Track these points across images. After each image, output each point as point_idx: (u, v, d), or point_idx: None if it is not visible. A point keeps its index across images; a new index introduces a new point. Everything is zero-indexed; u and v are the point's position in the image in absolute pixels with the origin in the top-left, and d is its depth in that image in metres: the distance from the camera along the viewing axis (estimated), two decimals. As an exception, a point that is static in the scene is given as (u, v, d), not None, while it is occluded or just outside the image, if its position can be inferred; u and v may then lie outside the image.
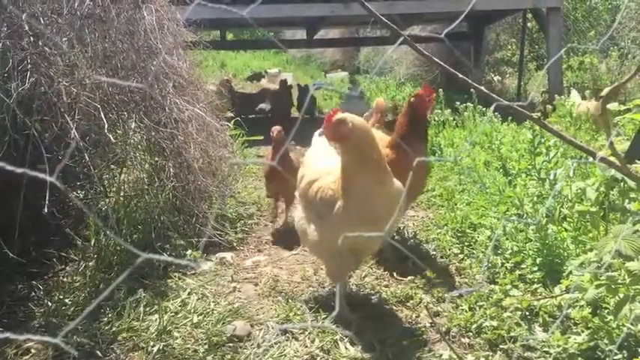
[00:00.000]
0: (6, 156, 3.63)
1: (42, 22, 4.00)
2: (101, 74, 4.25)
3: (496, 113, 8.72)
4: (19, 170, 0.76)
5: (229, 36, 19.18)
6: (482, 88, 2.56)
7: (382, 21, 2.40)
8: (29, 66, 3.81)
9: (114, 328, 3.43)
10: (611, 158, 2.39)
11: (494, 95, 2.25)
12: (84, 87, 4.06)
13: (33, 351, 3.21)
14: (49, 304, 3.66)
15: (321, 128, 3.55)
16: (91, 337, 3.32)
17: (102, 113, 4.05)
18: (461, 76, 2.42)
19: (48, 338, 0.93)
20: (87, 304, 3.67)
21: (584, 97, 9.03)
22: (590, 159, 4.04)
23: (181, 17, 5.87)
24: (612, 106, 5.61)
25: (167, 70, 5.17)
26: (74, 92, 4.06)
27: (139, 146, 5.16)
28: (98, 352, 3.21)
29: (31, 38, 3.96)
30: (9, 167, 0.68)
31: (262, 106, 14.56)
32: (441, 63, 2.40)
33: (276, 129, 5.39)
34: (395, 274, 4.38)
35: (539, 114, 7.72)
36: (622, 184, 3.86)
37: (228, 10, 2.37)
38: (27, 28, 3.93)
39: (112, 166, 5.29)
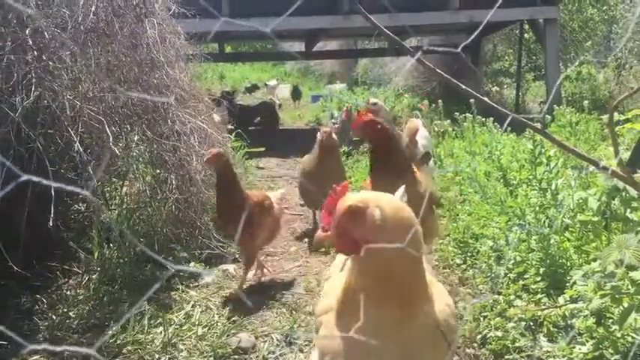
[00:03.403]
0: (10, 169, 3.63)
1: (46, 36, 4.03)
2: (105, 88, 4.27)
3: (495, 124, 8.76)
4: (55, 185, 0.77)
5: (228, 48, 19.27)
6: (495, 104, 2.59)
7: (386, 34, 2.42)
8: (33, 80, 3.83)
9: (118, 341, 3.43)
10: (614, 168, 2.41)
11: (503, 109, 2.27)
12: (87, 100, 4.08)
13: (38, 364, 3.20)
14: (54, 317, 3.66)
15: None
16: (97, 350, 3.31)
17: (105, 126, 4.07)
18: (464, 87, 2.45)
19: (84, 349, 0.94)
20: (91, 318, 3.68)
21: (582, 109, 9.07)
22: (591, 168, 4.08)
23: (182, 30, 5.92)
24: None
25: (169, 82, 5.20)
26: (78, 105, 4.08)
27: (141, 159, 5.18)
28: (104, 366, 3.21)
29: (35, 52, 3.99)
30: (45, 181, 0.69)
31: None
32: (450, 77, 2.43)
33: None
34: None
35: (538, 124, 7.75)
36: (624, 193, 3.88)
37: (230, 22, 2.41)
38: (31, 42, 3.96)
39: (114, 179, 5.31)
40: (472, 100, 9.42)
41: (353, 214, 1.71)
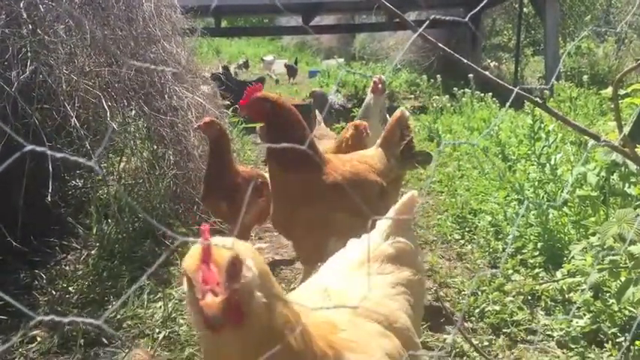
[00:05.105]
0: (7, 145, 3.61)
1: (41, 9, 3.97)
2: (101, 62, 4.23)
3: (494, 99, 8.73)
4: (59, 155, 0.76)
5: (224, 23, 19.06)
6: (496, 79, 2.56)
7: (387, 7, 2.39)
8: (29, 54, 3.78)
9: (118, 316, 3.45)
10: (615, 142, 2.40)
11: (505, 84, 2.25)
12: (84, 75, 4.04)
13: (39, 339, 3.22)
14: (53, 292, 3.67)
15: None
16: (96, 325, 3.32)
17: (102, 101, 4.03)
18: (466, 61, 2.42)
19: (90, 320, 0.93)
20: (91, 292, 3.68)
21: (581, 84, 9.02)
22: (590, 144, 4.07)
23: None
24: (609, 91, 5.62)
25: (166, 57, 5.14)
26: (74, 80, 4.04)
27: (138, 134, 5.14)
28: (104, 340, 3.23)
29: (30, 26, 3.93)
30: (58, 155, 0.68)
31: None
32: (451, 52, 2.40)
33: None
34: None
35: (537, 99, 7.71)
36: (623, 168, 3.88)
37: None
38: (25, 16, 3.90)
39: (111, 155, 5.29)
40: (471, 76, 9.39)
41: (235, 268, 1.26)
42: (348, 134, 4.56)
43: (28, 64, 3.77)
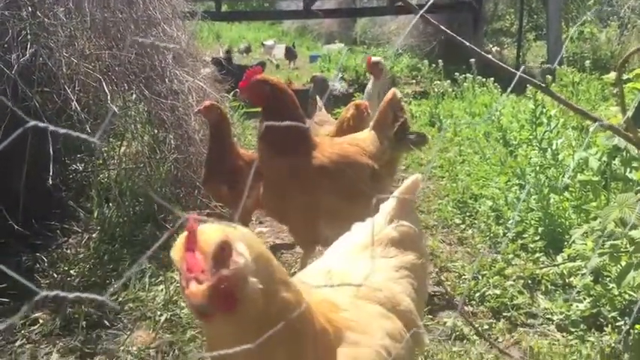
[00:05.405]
0: (7, 128, 3.60)
1: (40, -9, 3.94)
2: (102, 45, 4.20)
3: (496, 84, 8.69)
4: (62, 131, 0.75)
5: (224, 7, 18.93)
6: (499, 62, 2.55)
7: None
8: (29, 37, 3.76)
9: (120, 299, 3.46)
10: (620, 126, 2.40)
11: (505, 65, 2.24)
12: (84, 58, 4.02)
13: (41, 321, 3.24)
14: (55, 275, 3.68)
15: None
16: (98, 307, 3.34)
17: (103, 84, 4.01)
18: (468, 44, 2.40)
19: (94, 295, 0.93)
20: (92, 276, 3.70)
21: (583, 69, 8.98)
22: (592, 128, 4.04)
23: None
24: (611, 76, 5.59)
25: (166, 40, 5.11)
26: (74, 63, 4.02)
27: (139, 118, 5.13)
28: (106, 322, 3.24)
29: (30, 9, 3.91)
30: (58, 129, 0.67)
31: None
32: (454, 35, 2.38)
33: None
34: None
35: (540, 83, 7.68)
36: (624, 153, 3.87)
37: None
38: (25, -2, 3.88)
39: (112, 139, 5.27)
40: (472, 61, 9.34)
41: (223, 254, 1.23)
42: (349, 114, 4.53)
43: (28, 46, 3.76)
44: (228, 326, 1.27)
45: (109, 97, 4.03)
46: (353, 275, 1.76)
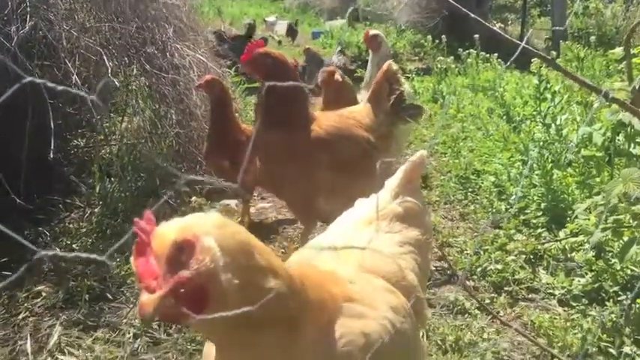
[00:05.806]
0: (8, 103, 3.58)
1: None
2: (102, 18, 4.15)
3: (499, 60, 8.61)
4: (60, 88, 0.74)
5: (226, -18, 18.74)
6: (503, 34, 2.51)
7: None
8: (28, 9, 3.72)
9: (122, 272, 3.47)
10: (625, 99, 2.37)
11: (509, 37, 2.20)
12: (84, 31, 3.98)
13: (44, 294, 3.25)
14: (57, 249, 3.68)
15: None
16: (101, 280, 3.35)
17: (104, 57, 3.98)
18: (474, 16, 2.37)
19: (95, 256, 0.92)
20: (95, 250, 3.70)
21: (588, 45, 8.90)
22: (596, 104, 4.01)
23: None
24: (616, 51, 5.53)
25: (167, 14, 5.05)
26: (74, 36, 3.98)
27: (140, 93, 5.09)
28: (108, 295, 3.26)
29: (29, -20, 3.86)
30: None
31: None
32: (460, 6, 2.35)
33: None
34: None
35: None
36: (629, 128, 3.84)
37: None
38: (24, -31, 3.82)
39: (113, 114, 5.24)
40: (476, 36, 9.25)
41: (180, 255, 1.12)
42: (319, 82, 4.49)
43: (28, 19, 3.72)
44: (206, 324, 1.17)
45: (109, 71, 4.00)
46: (357, 249, 1.75)
